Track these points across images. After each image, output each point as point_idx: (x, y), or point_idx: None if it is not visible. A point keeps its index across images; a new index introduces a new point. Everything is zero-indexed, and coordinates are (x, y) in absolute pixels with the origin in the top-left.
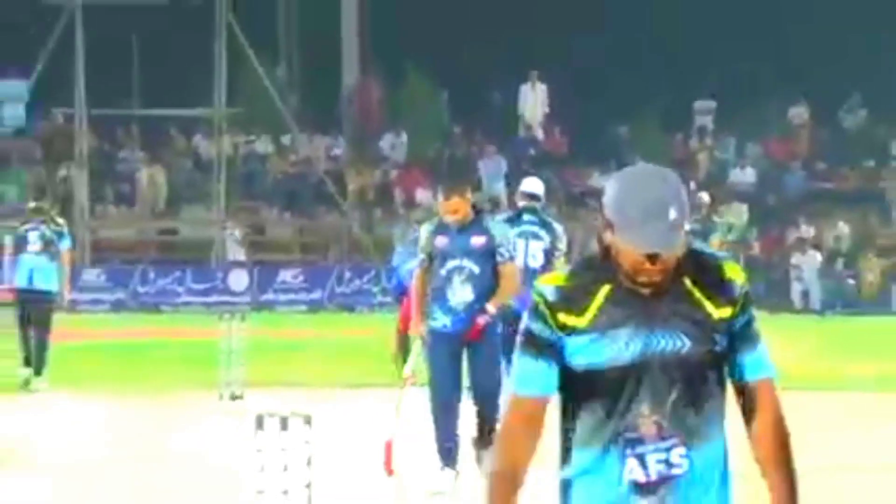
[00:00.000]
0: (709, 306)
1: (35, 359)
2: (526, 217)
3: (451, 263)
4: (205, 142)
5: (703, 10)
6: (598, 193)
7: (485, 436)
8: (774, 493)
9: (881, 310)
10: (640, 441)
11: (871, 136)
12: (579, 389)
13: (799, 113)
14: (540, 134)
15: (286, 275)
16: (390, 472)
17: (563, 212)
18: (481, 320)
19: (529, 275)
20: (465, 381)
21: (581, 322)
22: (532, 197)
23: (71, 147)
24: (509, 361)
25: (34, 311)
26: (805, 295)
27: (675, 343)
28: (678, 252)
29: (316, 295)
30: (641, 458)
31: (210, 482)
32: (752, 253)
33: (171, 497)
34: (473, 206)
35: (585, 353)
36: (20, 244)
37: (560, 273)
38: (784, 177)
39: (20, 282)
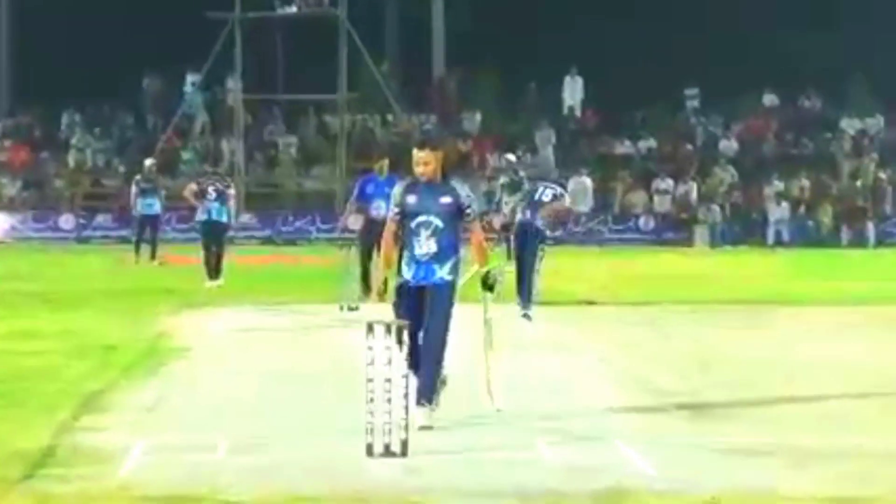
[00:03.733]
0: None
1: (215, 267)
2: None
3: (419, 218)
4: (330, 118)
5: (694, 21)
6: (620, 157)
7: (431, 381)
8: None
9: (834, 244)
10: None
11: (825, 116)
12: None
13: (771, 98)
14: (578, 113)
15: None
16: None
17: (592, 169)
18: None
19: (538, 205)
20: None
21: None
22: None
23: (231, 123)
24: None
25: (213, 234)
26: (777, 234)
27: None
28: None
29: None
30: None
31: (333, 371)
32: (736, 202)
33: (304, 379)
34: (443, 171)
35: None
36: (202, 194)
37: None
38: (761, 145)
39: (203, 216)
